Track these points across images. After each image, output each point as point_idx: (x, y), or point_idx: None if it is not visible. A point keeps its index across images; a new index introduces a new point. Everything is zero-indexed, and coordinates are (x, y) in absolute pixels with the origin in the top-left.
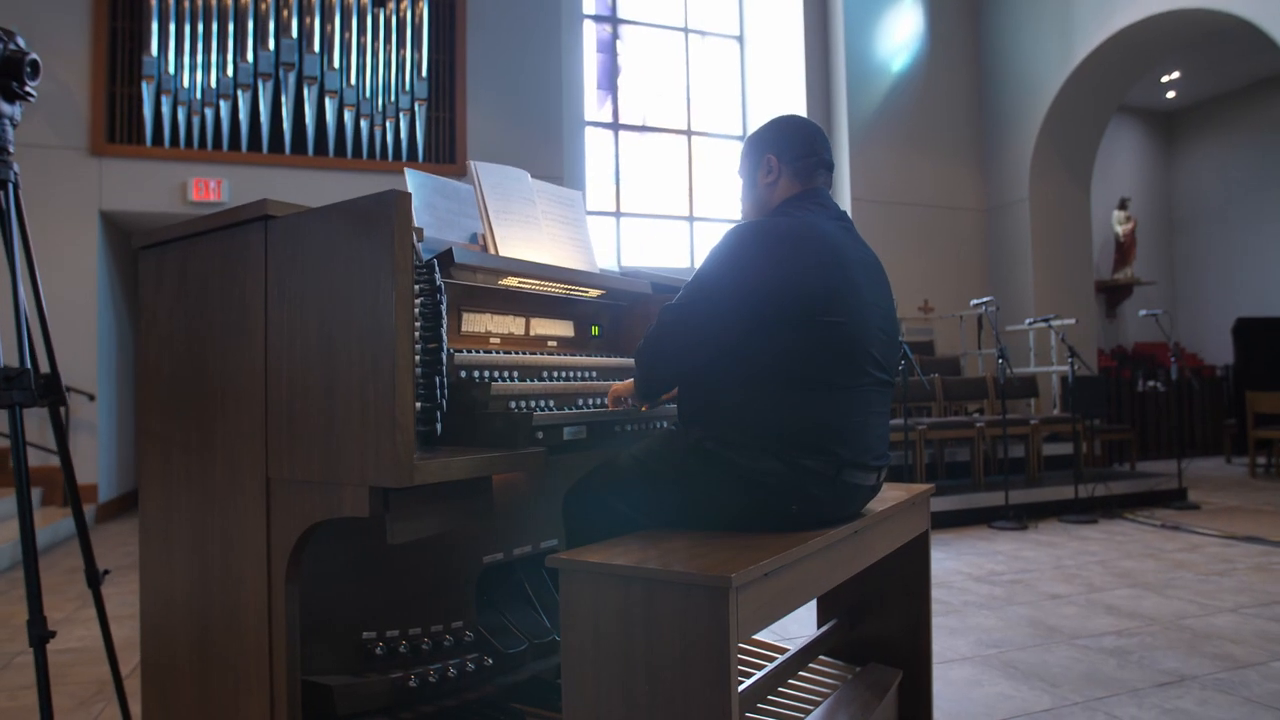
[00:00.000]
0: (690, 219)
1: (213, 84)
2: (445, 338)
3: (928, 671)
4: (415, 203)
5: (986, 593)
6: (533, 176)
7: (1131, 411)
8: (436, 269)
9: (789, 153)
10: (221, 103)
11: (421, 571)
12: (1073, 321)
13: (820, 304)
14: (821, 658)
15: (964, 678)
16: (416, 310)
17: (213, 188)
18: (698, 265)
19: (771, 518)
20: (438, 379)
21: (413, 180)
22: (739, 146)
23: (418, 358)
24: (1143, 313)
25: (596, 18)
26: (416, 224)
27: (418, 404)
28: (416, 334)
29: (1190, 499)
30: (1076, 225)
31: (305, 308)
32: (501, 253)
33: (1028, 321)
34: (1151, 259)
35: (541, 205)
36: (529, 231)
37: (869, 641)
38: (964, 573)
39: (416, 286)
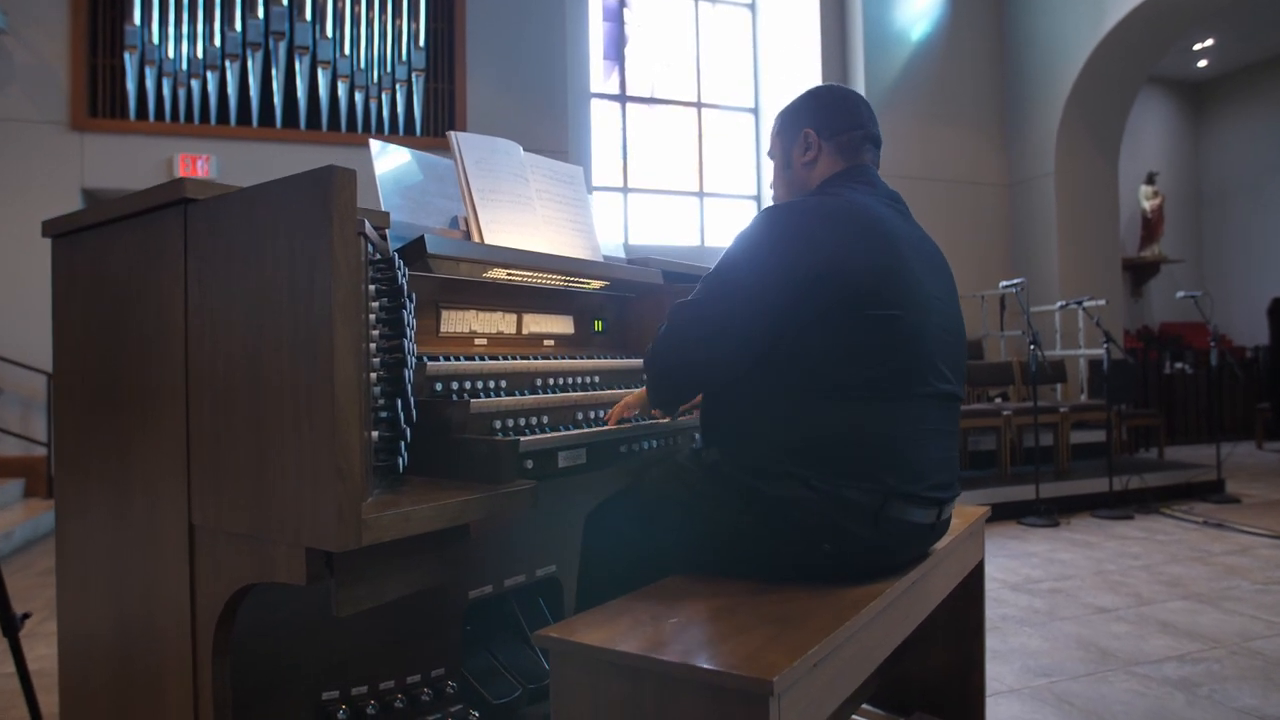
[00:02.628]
0: (700, 195)
1: (199, 54)
2: (411, 350)
3: None
4: (384, 182)
5: (1026, 604)
6: (537, 151)
7: (1159, 395)
8: (399, 264)
9: (830, 126)
10: (208, 74)
11: (394, 613)
12: (1103, 302)
13: (868, 294)
14: (864, 707)
15: (1014, 718)
16: (374, 317)
17: (200, 164)
18: (707, 243)
19: (803, 558)
20: (401, 400)
21: (380, 154)
22: (750, 119)
23: (376, 375)
24: (1180, 294)
25: None
26: (384, 207)
27: (375, 434)
28: (374, 346)
29: (1228, 491)
30: (1103, 201)
31: (231, 316)
32: (487, 239)
33: (1059, 304)
34: (1179, 236)
35: (535, 183)
36: (520, 214)
37: (913, 685)
38: (998, 579)
39: (373, 287)
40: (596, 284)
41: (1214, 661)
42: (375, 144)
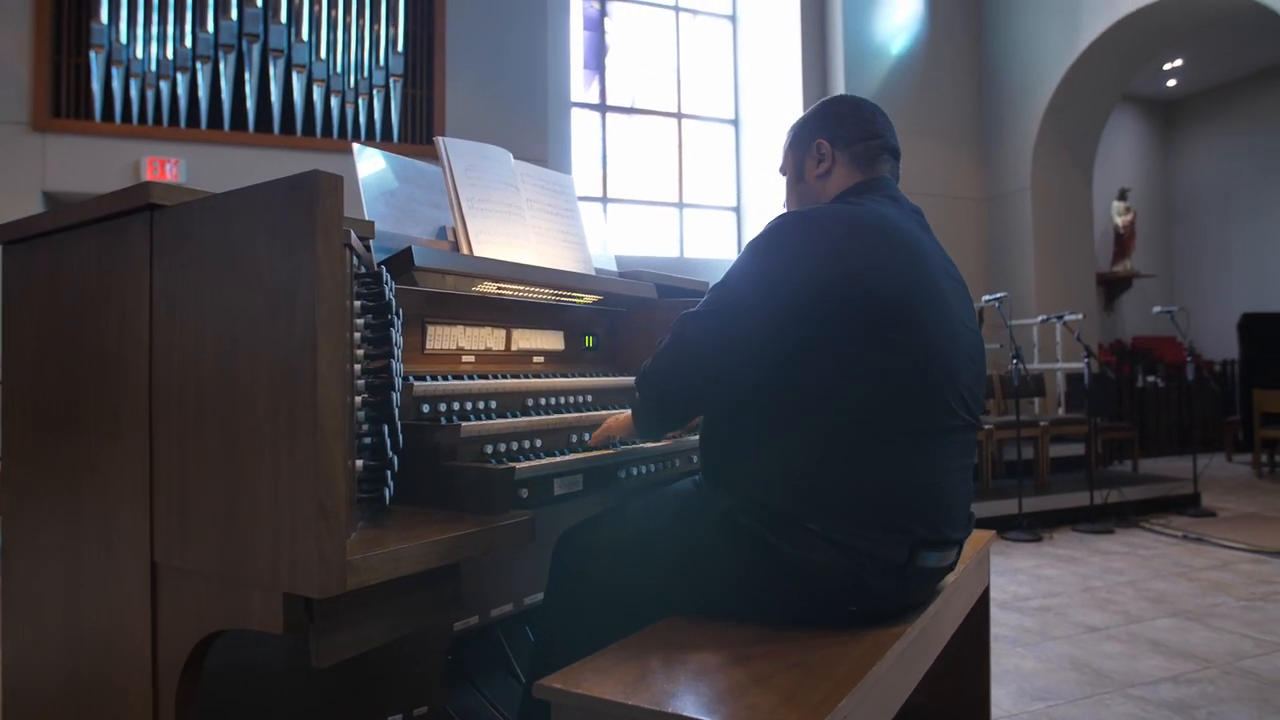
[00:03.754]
0: (680, 205)
1: (169, 55)
2: (398, 370)
3: None
4: (368, 189)
5: (1016, 624)
6: (516, 160)
7: (1132, 408)
8: (386, 278)
9: (844, 136)
10: (179, 76)
11: (374, 650)
12: (1080, 316)
13: (898, 315)
14: None
15: None
16: (359, 335)
17: (169, 169)
18: (687, 255)
19: (823, 616)
20: (388, 426)
21: (364, 159)
22: (731, 130)
23: (361, 398)
24: (1157, 309)
25: None
26: (368, 215)
27: (359, 463)
28: (358, 368)
29: (1204, 504)
30: (1078, 216)
31: (202, 333)
32: (476, 251)
33: (1040, 318)
34: (1149, 251)
35: (526, 192)
36: (510, 225)
37: (918, 716)
38: None
39: (359, 303)
40: (590, 299)
41: (1208, 683)
42: (359, 148)
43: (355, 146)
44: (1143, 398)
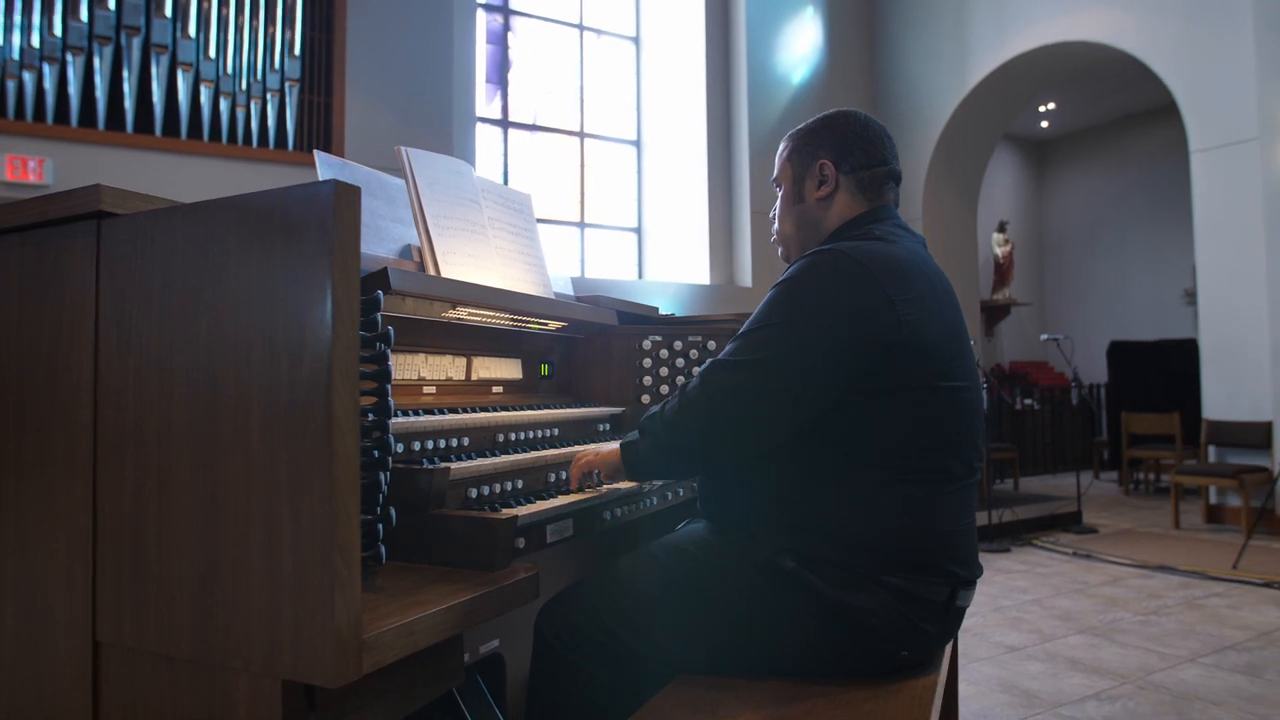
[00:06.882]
0: (581, 225)
1: (34, 44)
2: (393, 409)
3: None
4: None
5: None
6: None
7: (1011, 429)
8: (381, 302)
9: (851, 161)
10: (46, 67)
11: None
12: (974, 343)
13: (943, 365)
14: None
15: None
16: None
17: (32, 167)
18: (588, 275)
19: (876, 662)
20: (384, 475)
21: (325, 168)
22: (633, 151)
23: None
24: (1044, 336)
25: (488, 6)
26: None
27: None
28: None
29: (1086, 521)
30: (965, 246)
31: (169, 368)
32: (443, 273)
33: None
34: (1025, 281)
35: (488, 210)
36: (474, 245)
37: None
38: None
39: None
40: (553, 325)
41: (1128, 698)
42: (321, 156)
43: (317, 154)
44: (1021, 420)
